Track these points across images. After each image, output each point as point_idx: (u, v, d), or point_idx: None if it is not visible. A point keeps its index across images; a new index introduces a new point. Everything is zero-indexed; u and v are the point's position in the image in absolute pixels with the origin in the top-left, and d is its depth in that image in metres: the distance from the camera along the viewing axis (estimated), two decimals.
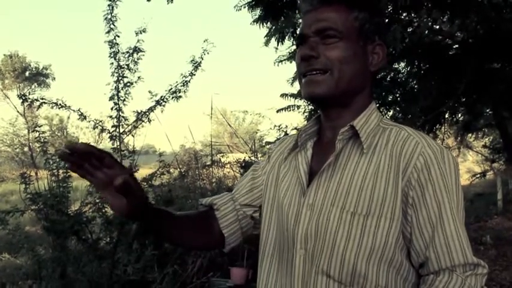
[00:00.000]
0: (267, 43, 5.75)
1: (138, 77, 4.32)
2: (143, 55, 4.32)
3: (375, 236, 1.04)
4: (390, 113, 6.40)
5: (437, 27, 5.63)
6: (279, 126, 6.09)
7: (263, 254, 1.23)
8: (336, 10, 1.12)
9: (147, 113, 4.38)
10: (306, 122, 5.96)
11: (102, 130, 4.32)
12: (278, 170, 1.27)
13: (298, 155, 1.22)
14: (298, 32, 1.18)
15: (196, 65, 4.52)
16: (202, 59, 4.56)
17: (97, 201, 4.12)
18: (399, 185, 1.05)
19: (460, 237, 1.02)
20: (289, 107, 6.52)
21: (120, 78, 4.23)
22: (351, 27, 1.11)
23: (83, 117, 4.26)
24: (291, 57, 6.21)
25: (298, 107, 6.49)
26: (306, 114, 6.36)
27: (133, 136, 4.43)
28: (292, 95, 6.42)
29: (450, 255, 1.01)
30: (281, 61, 6.33)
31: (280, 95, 6.51)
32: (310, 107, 6.03)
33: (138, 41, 4.31)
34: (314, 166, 1.17)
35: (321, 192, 1.11)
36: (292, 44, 5.86)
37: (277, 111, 6.62)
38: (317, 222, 1.08)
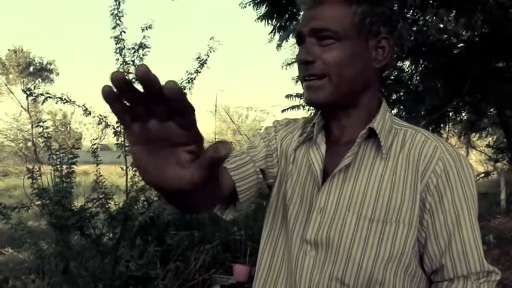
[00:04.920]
0: (272, 40, 5.74)
1: None
2: (149, 51, 4.33)
3: (393, 243, 1.00)
4: (394, 112, 6.39)
5: (442, 26, 5.61)
6: None
7: (266, 242, 1.17)
8: (332, 8, 1.03)
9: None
10: None
11: (106, 126, 4.33)
12: (285, 160, 1.18)
13: (309, 149, 1.14)
14: (296, 30, 1.11)
15: (202, 63, 4.52)
16: (208, 56, 4.56)
17: (100, 196, 4.13)
18: (417, 190, 1.01)
19: (477, 245, 1.01)
20: (294, 107, 6.49)
21: (125, 74, 4.23)
22: (349, 24, 1.03)
23: (87, 112, 4.26)
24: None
25: (304, 106, 6.47)
26: (311, 112, 6.34)
27: None
28: (297, 95, 6.40)
29: (467, 264, 1.00)
30: (289, 64, 6.30)
31: (285, 96, 6.48)
32: None
33: (144, 37, 4.32)
34: (324, 166, 1.10)
35: (334, 196, 1.05)
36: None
37: (282, 111, 6.59)
38: (330, 228, 1.04)
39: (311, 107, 6.46)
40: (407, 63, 5.86)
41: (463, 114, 7.23)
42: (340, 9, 1.04)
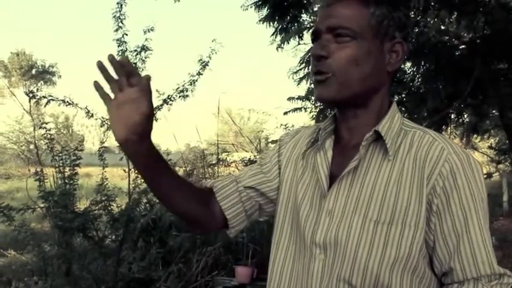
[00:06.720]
0: (274, 42, 5.73)
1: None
2: (151, 53, 4.34)
3: (399, 245, 1.00)
4: None
5: (444, 27, 5.61)
6: (285, 126, 6.09)
7: (277, 250, 1.17)
8: (350, 7, 1.05)
9: (154, 112, 4.39)
10: (313, 122, 5.96)
11: (109, 128, 4.34)
12: (295, 166, 1.20)
13: (317, 154, 1.15)
14: (313, 27, 1.12)
15: (204, 65, 4.53)
16: (210, 58, 4.57)
17: (103, 199, 4.14)
18: (424, 192, 1.01)
19: (486, 247, 1.00)
20: (296, 109, 6.48)
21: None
22: (366, 25, 1.04)
23: (89, 115, 4.28)
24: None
25: (306, 108, 6.45)
26: (313, 114, 6.34)
27: None
28: (299, 98, 6.39)
29: (476, 266, 0.99)
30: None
31: (287, 99, 6.47)
32: (318, 108, 6.00)
33: (146, 39, 4.33)
34: (333, 169, 1.11)
35: (342, 199, 1.06)
36: (298, 44, 5.86)
37: (284, 114, 6.59)
38: (337, 230, 1.04)
39: (313, 110, 6.48)
40: (408, 64, 5.86)
41: (465, 116, 7.21)
42: (357, 9, 1.05)
